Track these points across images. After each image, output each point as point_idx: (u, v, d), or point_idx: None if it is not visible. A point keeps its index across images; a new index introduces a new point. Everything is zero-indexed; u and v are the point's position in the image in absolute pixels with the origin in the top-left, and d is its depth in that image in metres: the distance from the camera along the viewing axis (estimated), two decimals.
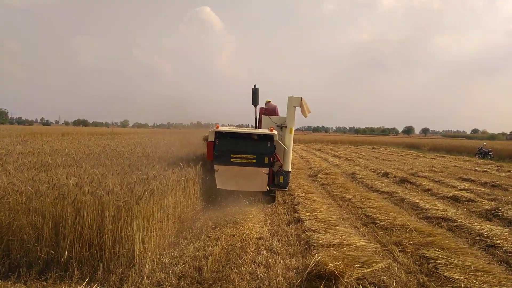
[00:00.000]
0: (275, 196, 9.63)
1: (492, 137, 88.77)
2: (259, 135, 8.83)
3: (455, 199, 9.98)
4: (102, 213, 4.87)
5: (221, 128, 8.79)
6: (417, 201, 9.39)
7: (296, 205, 8.79)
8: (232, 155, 8.56)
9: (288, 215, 8.09)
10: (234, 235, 6.22)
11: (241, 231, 6.44)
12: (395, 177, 14.31)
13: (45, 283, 4.40)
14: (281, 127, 9.76)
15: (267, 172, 8.71)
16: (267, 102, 10.99)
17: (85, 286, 4.27)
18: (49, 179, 5.49)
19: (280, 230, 6.90)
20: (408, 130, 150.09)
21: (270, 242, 6.14)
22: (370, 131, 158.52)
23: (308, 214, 7.71)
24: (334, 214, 7.98)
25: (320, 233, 6.41)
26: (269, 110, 10.64)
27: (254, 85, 10.24)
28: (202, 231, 6.66)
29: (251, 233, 6.39)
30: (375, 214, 7.90)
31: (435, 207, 8.66)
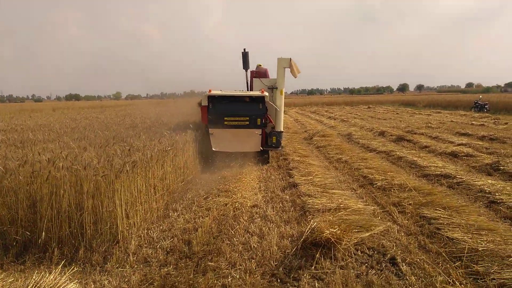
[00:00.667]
0: (269, 156, 9.83)
1: (487, 90, 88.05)
2: (250, 97, 8.99)
3: (453, 155, 9.72)
4: (81, 189, 4.52)
5: (213, 92, 8.87)
6: (415, 159, 9.12)
7: (291, 169, 8.50)
8: (225, 118, 8.77)
9: (283, 180, 7.81)
10: (226, 204, 5.94)
11: (234, 199, 6.17)
12: (391, 135, 14.02)
13: (22, 266, 4.12)
14: (272, 88, 9.92)
15: (260, 133, 8.97)
16: (258, 66, 10.97)
17: (64, 266, 3.98)
18: (22, 155, 5.12)
19: (274, 196, 6.63)
20: (403, 88, 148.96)
21: (264, 209, 5.87)
22: (365, 91, 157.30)
23: (303, 178, 7.42)
24: (330, 177, 7.70)
25: (316, 197, 6.14)
26: (260, 73, 10.62)
27: (244, 49, 10.22)
28: (194, 202, 6.39)
29: (244, 201, 6.12)
30: (372, 175, 7.62)
31: (433, 164, 8.40)
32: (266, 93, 9.04)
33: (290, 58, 9.39)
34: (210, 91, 8.91)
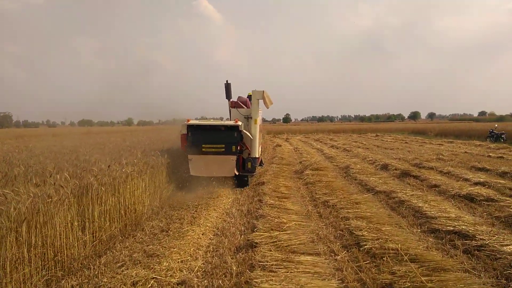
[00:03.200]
0: (248, 180, 10.33)
1: (501, 118, 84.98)
2: (225, 126, 9.63)
3: (469, 199, 7.79)
4: None
5: (191, 122, 9.60)
6: (421, 204, 7.20)
7: (257, 218, 6.64)
8: (203, 145, 9.36)
9: (243, 234, 5.95)
10: (136, 284, 4.06)
11: (154, 271, 4.31)
12: (395, 169, 12.11)
13: None
14: (248, 118, 10.57)
15: (234, 159, 9.50)
16: (239, 97, 11.38)
17: None
18: None
19: (219, 265, 4.75)
20: (414, 116, 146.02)
21: None
22: (376, 118, 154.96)
23: (267, 234, 5.53)
24: (306, 231, 5.84)
25: (271, 272, 4.27)
26: (239, 104, 11.01)
27: (227, 81, 10.67)
28: (96, 274, 4.55)
29: (167, 276, 4.25)
30: (361, 230, 5.70)
31: (444, 214, 6.46)
32: (240, 123, 9.61)
33: (263, 91, 10.10)
34: (188, 120, 9.61)
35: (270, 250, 4.91)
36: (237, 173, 9.72)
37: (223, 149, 9.40)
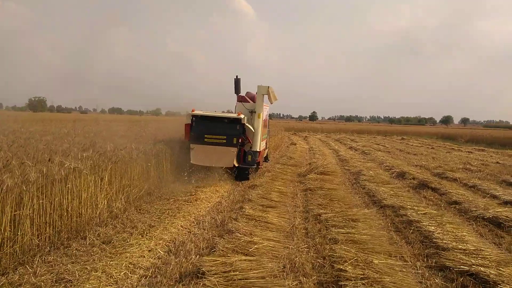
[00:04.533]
0: (249, 173, 10.25)
1: None
2: (229, 118, 9.78)
3: (496, 223, 6.37)
4: None
5: (196, 112, 9.67)
6: (433, 228, 5.81)
7: (224, 234, 5.42)
8: (206, 136, 9.45)
9: (196, 255, 4.74)
10: None
11: None
12: (413, 179, 10.64)
13: None
14: (252, 112, 10.61)
15: (235, 151, 9.51)
16: (247, 92, 11.59)
17: None
18: None
19: None
20: (446, 120, 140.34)
21: None
22: (406, 121, 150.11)
23: (221, 260, 4.30)
24: (278, 257, 4.61)
25: None
26: (245, 98, 11.11)
27: (236, 76, 10.84)
28: None
29: None
30: (345, 262, 4.38)
31: (460, 244, 5.07)
32: (242, 116, 9.69)
33: (268, 86, 10.29)
34: (193, 110, 9.69)
35: (215, 286, 3.71)
36: (236, 165, 9.75)
37: (225, 141, 9.46)
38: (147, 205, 7.04)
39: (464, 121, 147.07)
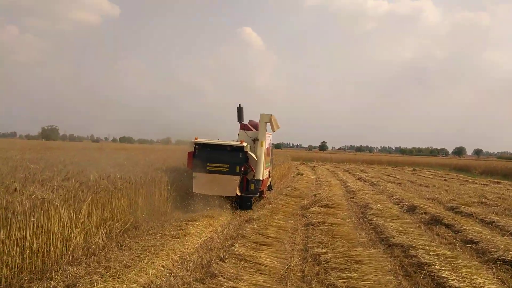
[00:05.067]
0: (251, 204, 10.10)
1: None
2: (231, 146, 9.73)
3: None
4: None
5: (199, 140, 9.65)
6: (447, 273, 5.08)
7: (205, 279, 4.76)
8: (208, 164, 9.35)
9: None
10: None
11: None
12: (424, 213, 9.90)
13: None
14: (255, 140, 10.54)
15: (238, 180, 9.45)
16: (250, 120, 11.55)
17: None
18: None
19: None
20: (459, 151, 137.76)
21: None
22: (417, 151, 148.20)
23: None
24: None
25: None
26: (248, 126, 11.15)
27: (239, 104, 10.97)
28: None
29: None
30: None
31: None
32: (245, 143, 9.68)
33: (271, 115, 10.24)
34: (196, 138, 9.66)
35: None
36: (239, 194, 9.62)
37: (227, 169, 9.39)
38: (131, 241, 6.43)
39: (478, 152, 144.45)
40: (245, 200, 9.94)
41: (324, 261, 5.62)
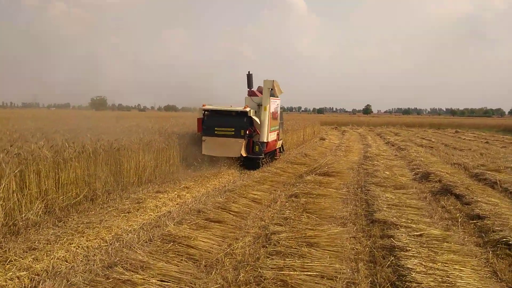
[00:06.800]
0: (259, 164, 10.58)
1: None
2: (236, 111, 10.38)
3: None
4: None
5: (207, 106, 10.36)
6: (416, 261, 3.95)
7: (108, 269, 3.97)
8: (216, 128, 10.11)
9: None
10: None
11: None
12: (439, 181, 8.58)
13: None
14: (260, 105, 10.88)
15: (243, 142, 10.03)
16: (259, 87, 11.72)
17: None
18: None
19: None
20: None
21: None
22: (470, 112, 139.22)
23: None
24: None
25: None
26: (254, 92, 11.45)
27: (249, 71, 11.44)
28: None
29: None
30: None
31: None
32: (249, 109, 10.20)
33: (273, 80, 10.79)
34: (204, 105, 10.37)
35: None
36: (244, 155, 10.17)
37: (233, 132, 10.05)
38: (75, 216, 5.78)
39: None
40: (249, 160, 10.47)
41: (274, 242, 4.65)
